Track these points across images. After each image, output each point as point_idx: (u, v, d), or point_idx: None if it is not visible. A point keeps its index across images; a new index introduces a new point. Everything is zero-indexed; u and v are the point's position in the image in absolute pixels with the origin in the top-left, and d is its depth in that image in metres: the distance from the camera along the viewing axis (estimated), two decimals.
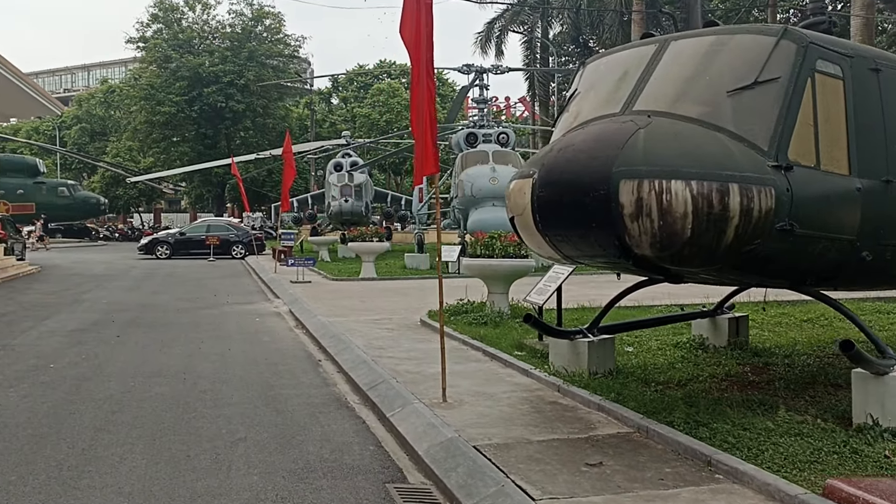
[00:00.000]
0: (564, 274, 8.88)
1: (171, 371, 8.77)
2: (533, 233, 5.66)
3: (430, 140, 6.24)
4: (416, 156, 6.50)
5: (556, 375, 7.33)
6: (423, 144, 6.24)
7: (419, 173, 6.50)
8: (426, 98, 6.25)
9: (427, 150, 6.24)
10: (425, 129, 6.24)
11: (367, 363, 8.46)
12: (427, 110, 6.25)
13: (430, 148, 6.24)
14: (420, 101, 6.28)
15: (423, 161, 6.28)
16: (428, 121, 6.24)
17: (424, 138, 6.24)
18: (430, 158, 6.25)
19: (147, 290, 19.18)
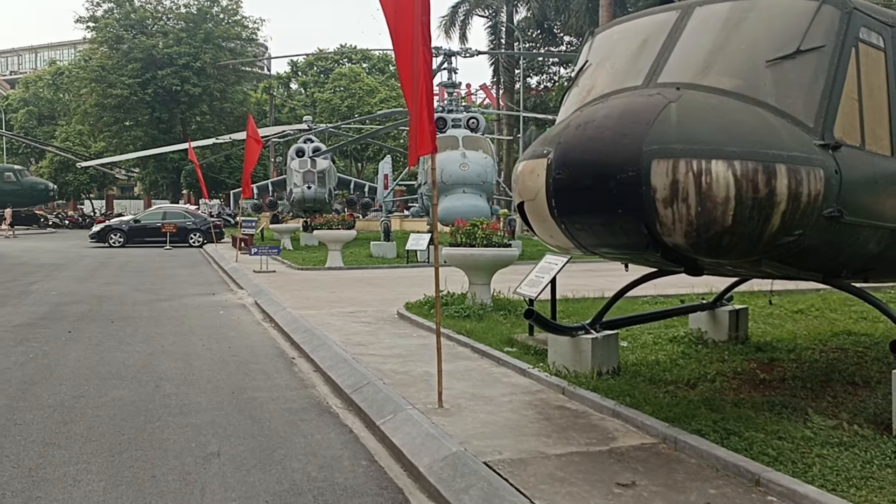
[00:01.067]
0: (558, 265, 8.30)
1: (131, 372, 7.98)
2: (546, 220, 5.04)
3: (427, 116, 5.56)
4: (410, 134, 5.80)
5: (557, 375, 6.74)
6: (419, 121, 5.56)
7: (413, 153, 5.80)
8: (422, 70, 5.56)
9: (423, 128, 5.56)
10: (420, 105, 5.56)
11: (347, 362, 7.77)
12: (423, 84, 5.57)
13: (427, 125, 5.56)
14: (415, 74, 5.60)
15: (419, 139, 5.59)
16: (424, 95, 5.56)
17: (420, 114, 5.56)
18: (427, 136, 5.58)
19: (101, 280, 18.14)
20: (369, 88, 53.79)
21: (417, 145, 5.66)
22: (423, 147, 5.61)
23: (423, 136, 5.58)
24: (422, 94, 5.57)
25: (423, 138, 5.58)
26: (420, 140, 5.60)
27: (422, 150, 5.64)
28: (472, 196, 20.10)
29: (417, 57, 5.56)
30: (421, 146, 5.62)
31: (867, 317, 10.38)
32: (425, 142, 5.60)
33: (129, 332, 10.56)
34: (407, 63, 5.63)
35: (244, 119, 53.20)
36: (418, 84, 5.57)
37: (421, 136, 5.59)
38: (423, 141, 5.59)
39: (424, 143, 5.60)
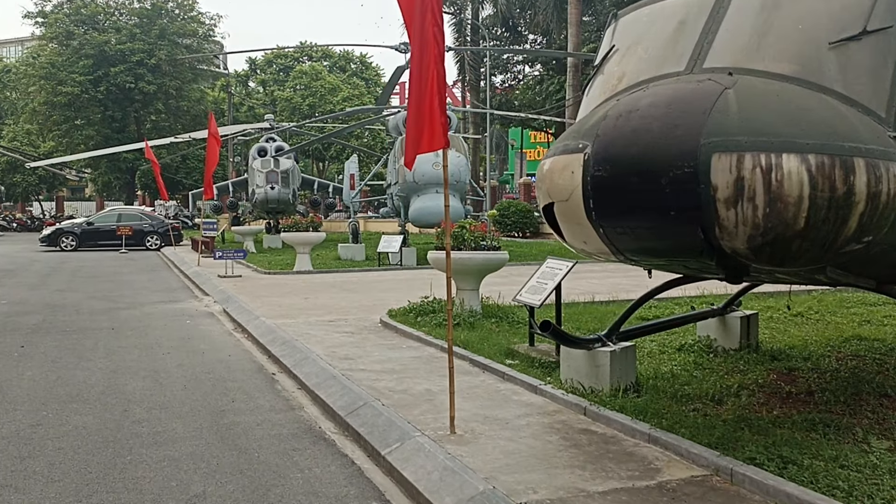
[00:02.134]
0: (562, 270, 7.72)
1: (94, 393, 7.18)
2: (581, 223, 4.44)
3: (439, 106, 4.91)
4: (409, 129, 5.12)
5: (574, 393, 6.15)
6: (430, 112, 4.91)
7: (413, 150, 5.12)
8: (433, 53, 4.92)
9: (434, 120, 4.91)
10: (431, 93, 4.91)
11: (336, 379, 7.08)
12: (434, 69, 4.91)
13: (439, 116, 4.91)
14: (425, 58, 4.94)
15: (430, 133, 4.94)
16: (435, 82, 4.91)
17: (430, 104, 4.91)
18: (439, 129, 4.92)
19: (53, 287, 17.08)
20: (331, 87, 52.71)
21: (426, 140, 5.00)
22: (435, 142, 4.96)
23: (434, 129, 4.93)
24: (432, 81, 4.92)
25: (433, 132, 4.93)
26: (430, 134, 4.95)
27: (433, 145, 4.99)
28: None
29: (426, 40, 4.91)
30: (431, 141, 4.97)
31: (870, 320, 10.02)
32: (436, 136, 4.94)
33: (89, 345, 9.70)
34: (416, 45, 4.98)
35: (201, 118, 52.11)
36: (427, 70, 4.92)
37: (431, 129, 4.94)
38: (435, 135, 4.94)
39: (435, 138, 4.95)
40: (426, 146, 5.03)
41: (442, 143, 4.98)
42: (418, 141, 5.03)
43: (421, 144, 5.04)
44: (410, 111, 5.10)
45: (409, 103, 5.11)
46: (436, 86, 4.90)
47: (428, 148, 5.04)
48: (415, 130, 5.06)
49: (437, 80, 4.90)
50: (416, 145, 5.08)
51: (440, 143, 4.97)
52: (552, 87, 37.31)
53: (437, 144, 4.98)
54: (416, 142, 5.07)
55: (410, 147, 5.20)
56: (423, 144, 5.03)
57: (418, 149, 5.08)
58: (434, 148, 5.03)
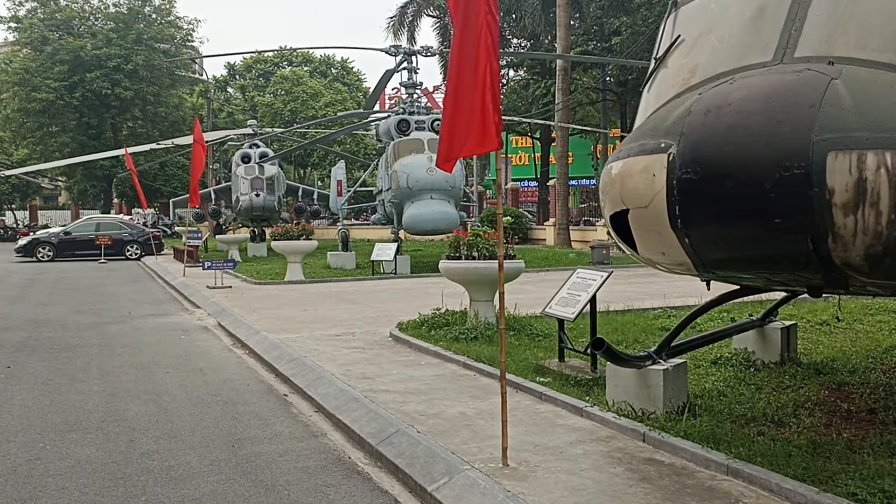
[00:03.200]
0: (596, 281, 7.23)
1: (93, 420, 6.58)
2: (663, 232, 3.96)
3: (493, 102, 4.40)
4: (446, 125, 4.58)
5: (627, 416, 5.66)
6: (483, 109, 4.40)
7: (461, 150, 4.58)
8: (484, 43, 4.41)
9: (487, 118, 4.40)
10: (482, 87, 4.40)
11: (359, 402, 6.54)
12: (486, 60, 4.40)
13: (492, 115, 4.40)
14: (470, 49, 4.43)
15: (482, 132, 4.43)
16: (488, 75, 4.40)
17: (483, 99, 4.40)
18: (492, 129, 4.41)
19: (34, 300, 16.32)
20: (313, 92, 51.94)
21: (475, 141, 4.48)
22: (487, 142, 4.45)
23: (487, 128, 4.41)
24: (483, 74, 4.40)
25: (485, 132, 4.41)
26: (482, 134, 4.43)
27: (484, 145, 4.48)
28: (441, 202, 18.97)
29: (478, 28, 4.40)
30: (483, 141, 4.45)
31: None
32: (489, 136, 4.43)
33: (80, 365, 9.07)
34: (466, 35, 4.47)
35: (179, 124, 51.10)
36: (478, 63, 4.41)
37: (483, 128, 4.42)
38: (487, 135, 4.42)
39: (488, 138, 4.43)
40: (474, 147, 4.51)
41: (495, 144, 4.47)
42: (463, 142, 4.51)
43: (466, 146, 4.52)
44: (447, 108, 4.59)
45: (447, 100, 4.60)
46: (489, 79, 4.39)
47: (477, 149, 4.53)
48: (455, 130, 4.54)
49: (489, 73, 4.39)
50: (457, 147, 4.56)
51: (493, 143, 4.46)
52: (538, 91, 36.93)
53: (490, 145, 4.47)
54: (457, 143, 4.55)
55: (451, 148, 4.67)
56: (468, 146, 4.52)
57: (462, 151, 4.57)
58: (485, 150, 4.53)
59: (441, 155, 4.69)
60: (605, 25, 35.26)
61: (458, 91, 4.50)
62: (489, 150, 4.51)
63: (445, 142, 4.63)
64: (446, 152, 4.66)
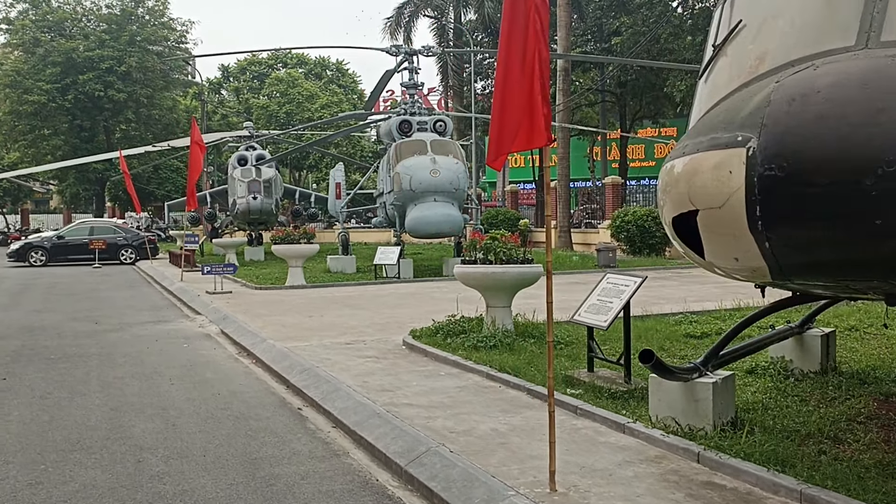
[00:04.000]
0: (629, 286, 6.85)
1: (97, 438, 6.15)
2: (739, 235, 3.58)
3: (541, 93, 4.01)
4: (495, 120, 4.20)
5: (674, 433, 5.27)
6: (531, 101, 4.01)
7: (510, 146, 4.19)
8: (533, 29, 4.02)
9: (536, 110, 4.02)
10: (530, 77, 4.01)
11: (381, 417, 6.14)
12: (535, 48, 4.01)
13: (541, 106, 4.02)
14: (518, 35, 4.04)
15: (530, 127, 4.04)
16: (537, 64, 4.01)
17: (531, 90, 4.01)
18: (541, 122, 4.03)
19: (28, 306, 15.86)
20: (309, 94, 51.46)
21: (523, 136, 4.10)
22: (536, 138, 4.06)
23: (535, 122, 4.02)
24: (532, 62, 4.01)
25: (534, 126, 4.03)
26: (530, 128, 4.04)
27: (533, 141, 4.09)
28: (444, 205, 18.56)
29: (527, 13, 4.01)
30: (531, 136, 4.07)
31: None
32: (537, 130, 4.04)
33: (80, 376, 8.64)
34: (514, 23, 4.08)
35: (173, 127, 50.57)
36: (526, 50, 4.02)
37: (532, 122, 4.03)
38: (535, 129, 4.03)
39: (536, 132, 4.04)
40: (523, 142, 4.13)
41: (544, 138, 4.08)
42: (512, 137, 4.12)
43: (516, 141, 4.14)
44: (496, 101, 4.21)
45: (496, 92, 4.22)
46: (538, 67, 4.00)
47: (526, 144, 4.15)
48: (504, 124, 4.15)
49: (538, 60, 4.01)
50: (507, 142, 4.18)
51: (542, 138, 4.07)
52: None
53: (538, 140, 4.08)
54: (506, 138, 4.16)
55: (500, 144, 4.28)
56: (518, 141, 4.13)
57: (512, 146, 4.18)
58: (533, 145, 4.14)
59: (491, 152, 4.31)
60: (604, 26, 34.98)
61: (507, 81, 4.11)
62: (538, 145, 4.13)
63: (495, 137, 4.24)
64: (496, 149, 4.28)
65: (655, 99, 36.49)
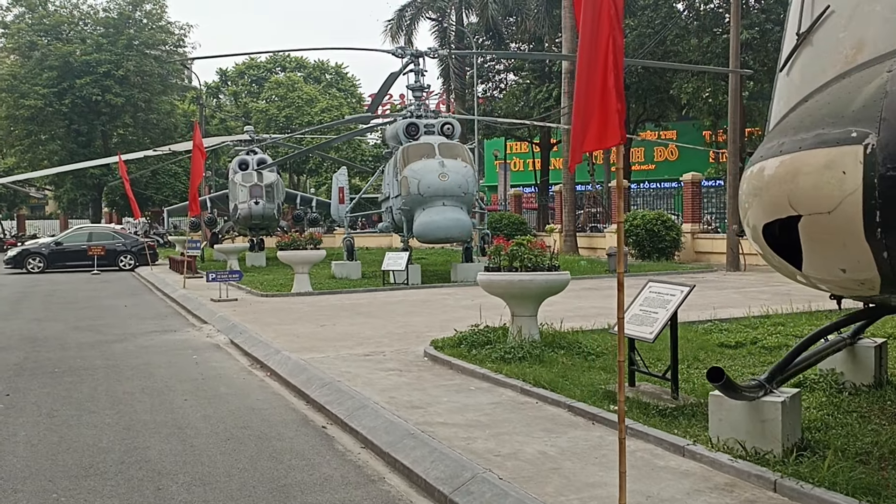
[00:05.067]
0: (676, 296, 6.45)
1: (111, 462, 5.73)
2: (851, 244, 3.19)
3: (615, 86, 3.62)
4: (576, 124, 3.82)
5: (742, 458, 4.86)
6: (603, 95, 3.63)
7: (581, 145, 3.81)
8: (606, 14, 3.63)
9: (609, 106, 3.63)
10: (603, 68, 3.63)
11: (415, 437, 5.73)
12: (608, 36, 3.63)
13: (614, 101, 3.63)
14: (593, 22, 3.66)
15: (602, 124, 3.65)
16: (611, 53, 3.62)
17: (604, 84, 3.62)
18: (614, 118, 3.64)
19: (28, 315, 15.41)
20: (308, 97, 51.02)
21: (594, 134, 3.71)
22: (609, 135, 3.67)
23: (608, 118, 3.63)
24: (604, 52, 3.62)
25: (606, 122, 3.63)
26: (602, 125, 3.65)
27: (605, 140, 3.70)
28: (453, 209, 18.14)
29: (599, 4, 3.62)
30: (603, 135, 3.67)
31: None
32: (610, 128, 3.64)
33: (87, 391, 8.21)
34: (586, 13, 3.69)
35: (171, 131, 50.08)
36: (598, 38, 3.63)
37: (603, 119, 3.64)
38: (609, 126, 3.64)
39: (609, 130, 3.65)
40: (594, 141, 3.74)
41: (617, 136, 3.69)
42: (583, 135, 3.73)
43: (586, 140, 3.74)
44: (578, 98, 3.81)
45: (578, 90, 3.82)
46: (611, 57, 3.61)
47: (597, 144, 3.75)
48: (579, 121, 3.76)
49: (612, 49, 3.62)
50: (580, 140, 3.78)
51: (615, 136, 3.68)
52: (540, 95, 36.26)
53: (612, 139, 3.69)
54: (579, 137, 3.76)
55: (576, 142, 3.88)
56: (589, 140, 3.74)
57: (584, 146, 3.78)
58: (606, 144, 3.75)
59: (571, 150, 3.92)
60: None
61: (580, 73, 3.72)
62: (611, 144, 3.73)
63: (574, 135, 3.85)
64: (574, 147, 3.88)
65: (659, 101, 36.20)
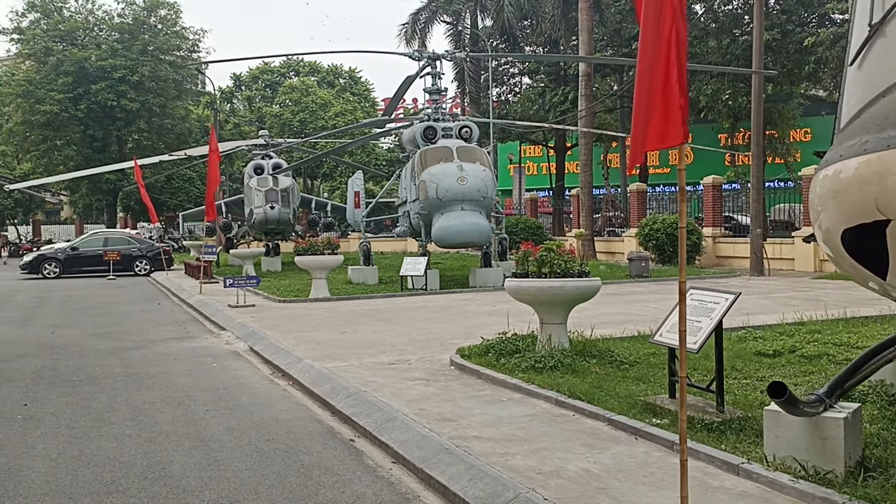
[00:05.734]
0: (721, 304, 6.16)
1: (133, 478, 5.50)
2: None
3: (678, 81, 3.36)
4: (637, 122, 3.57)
5: (804, 478, 4.58)
6: (665, 90, 3.38)
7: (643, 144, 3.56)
8: (669, 14, 3.39)
9: (672, 102, 3.38)
10: (667, 59, 3.37)
11: (450, 452, 5.47)
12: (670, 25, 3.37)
13: (677, 98, 3.37)
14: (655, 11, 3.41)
15: (664, 121, 3.40)
16: (675, 45, 3.37)
17: (666, 78, 3.37)
18: (677, 115, 3.38)
19: (45, 321, 15.27)
20: (323, 102, 50.94)
21: (656, 132, 3.45)
22: (671, 134, 3.41)
23: (671, 115, 3.37)
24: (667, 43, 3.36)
25: (668, 119, 3.38)
26: (664, 123, 3.40)
27: (667, 139, 3.44)
28: (472, 214, 17.89)
29: None
30: (665, 133, 3.42)
31: None
32: (673, 125, 3.39)
33: (106, 401, 8.00)
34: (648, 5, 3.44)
35: (185, 136, 50.09)
36: (661, 29, 3.38)
37: (666, 116, 3.39)
38: (671, 123, 3.38)
39: (672, 128, 3.39)
40: (656, 140, 3.49)
41: (680, 135, 3.43)
42: (644, 133, 3.48)
43: (648, 139, 3.49)
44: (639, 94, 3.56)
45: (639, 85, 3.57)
46: (674, 49, 3.36)
47: (659, 143, 3.50)
48: (640, 119, 3.51)
49: (675, 39, 3.36)
50: (641, 139, 3.52)
51: (678, 135, 3.42)
52: (556, 99, 35.98)
53: (675, 137, 3.43)
54: (641, 135, 3.51)
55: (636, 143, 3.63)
56: (651, 138, 3.49)
57: (645, 145, 3.53)
58: (668, 143, 3.49)
59: (632, 150, 3.67)
60: (623, 31, 34.37)
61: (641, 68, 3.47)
62: (673, 143, 3.48)
63: (634, 133, 3.60)
64: (634, 146, 3.63)
65: None
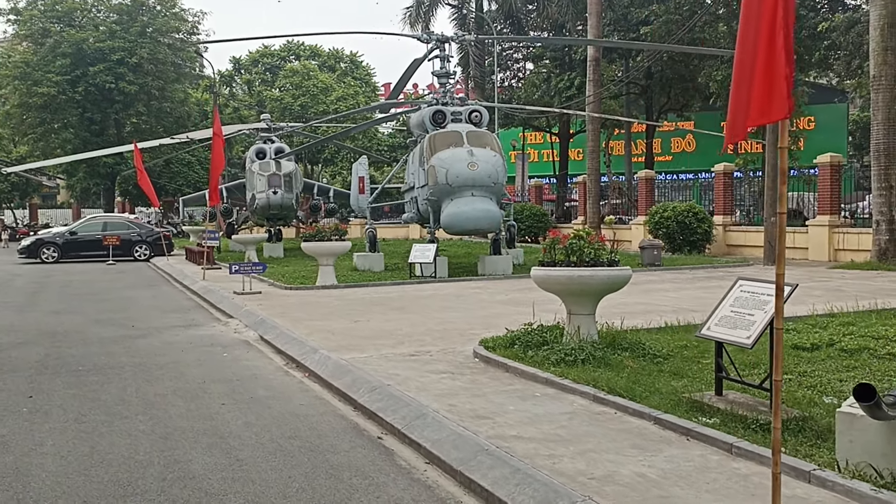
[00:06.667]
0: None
1: (151, 479, 5.12)
2: None
3: (785, 52, 2.98)
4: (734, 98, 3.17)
5: (886, 487, 4.22)
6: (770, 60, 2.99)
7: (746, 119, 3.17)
8: None
9: (777, 73, 2.99)
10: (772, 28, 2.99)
11: (490, 453, 5.10)
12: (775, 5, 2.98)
13: (783, 67, 2.99)
14: None
15: (769, 93, 3.03)
16: (781, 15, 2.98)
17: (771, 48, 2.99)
18: (783, 87, 3.00)
19: (46, 307, 14.88)
20: (324, 86, 50.33)
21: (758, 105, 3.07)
22: (775, 108, 3.03)
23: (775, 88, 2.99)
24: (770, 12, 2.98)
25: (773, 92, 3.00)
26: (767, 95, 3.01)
27: (772, 112, 3.06)
28: (483, 200, 17.47)
29: None
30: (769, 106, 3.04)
31: None
32: (777, 98, 3.00)
33: (115, 393, 7.63)
34: None
35: (185, 120, 49.46)
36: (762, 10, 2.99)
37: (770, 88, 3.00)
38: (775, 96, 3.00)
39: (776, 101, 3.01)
40: (759, 113, 3.11)
41: (785, 109, 3.05)
42: (746, 107, 3.10)
43: (750, 113, 3.11)
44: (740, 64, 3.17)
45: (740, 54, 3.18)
46: (780, 14, 2.97)
47: (762, 117, 3.12)
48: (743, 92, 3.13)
49: (784, 10, 2.97)
50: (741, 115, 3.14)
51: (782, 109, 3.04)
52: (561, 84, 35.49)
53: (779, 112, 3.05)
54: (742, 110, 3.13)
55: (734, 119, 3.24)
56: (753, 113, 3.10)
57: (748, 119, 3.15)
58: (772, 118, 3.12)
59: (730, 125, 3.29)
60: (630, 16, 33.85)
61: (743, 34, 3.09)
62: (778, 117, 3.11)
63: (734, 107, 3.22)
64: (734, 121, 3.25)
65: (684, 91, 35.42)
